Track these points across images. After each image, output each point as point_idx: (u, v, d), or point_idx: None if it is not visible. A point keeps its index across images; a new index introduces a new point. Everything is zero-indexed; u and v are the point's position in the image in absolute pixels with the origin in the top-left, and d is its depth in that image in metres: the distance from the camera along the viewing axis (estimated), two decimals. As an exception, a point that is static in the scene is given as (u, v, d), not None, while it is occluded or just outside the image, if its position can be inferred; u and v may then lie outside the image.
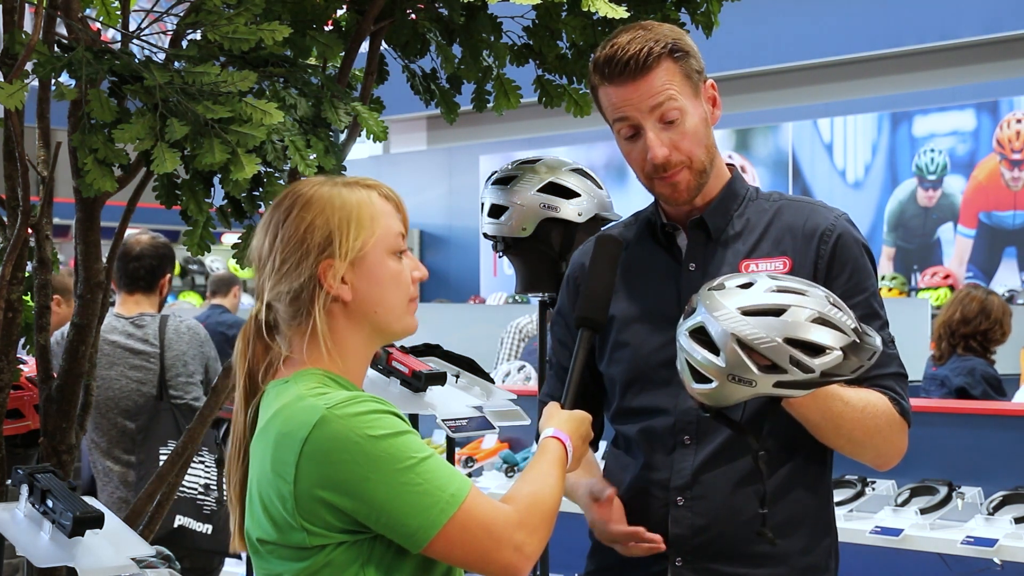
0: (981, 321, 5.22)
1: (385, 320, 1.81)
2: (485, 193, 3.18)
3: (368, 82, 3.07)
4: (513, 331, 7.14)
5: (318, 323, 1.76)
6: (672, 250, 2.14)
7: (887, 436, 2.03)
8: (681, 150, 2.05)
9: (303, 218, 1.77)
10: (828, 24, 11.18)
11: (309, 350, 1.78)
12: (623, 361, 2.14)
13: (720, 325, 1.72)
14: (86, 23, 2.70)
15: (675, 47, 2.04)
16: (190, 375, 4.18)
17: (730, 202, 2.13)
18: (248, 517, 1.78)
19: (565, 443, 1.88)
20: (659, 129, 2.04)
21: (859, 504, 4.03)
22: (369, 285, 1.79)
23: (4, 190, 2.75)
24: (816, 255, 2.06)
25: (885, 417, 2.01)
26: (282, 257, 1.77)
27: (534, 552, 1.73)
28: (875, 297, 2.08)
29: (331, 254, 1.76)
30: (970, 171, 10.51)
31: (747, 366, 1.71)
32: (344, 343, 1.79)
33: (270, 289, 1.78)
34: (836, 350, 1.72)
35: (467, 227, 13.77)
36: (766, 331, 1.70)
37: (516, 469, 4.73)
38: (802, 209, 2.12)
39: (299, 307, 1.77)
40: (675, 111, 2.03)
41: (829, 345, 1.72)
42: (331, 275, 1.76)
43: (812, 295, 1.76)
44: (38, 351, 2.85)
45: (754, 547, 2.02)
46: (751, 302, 1.73)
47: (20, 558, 2.72)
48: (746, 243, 2.10)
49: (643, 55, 2.02)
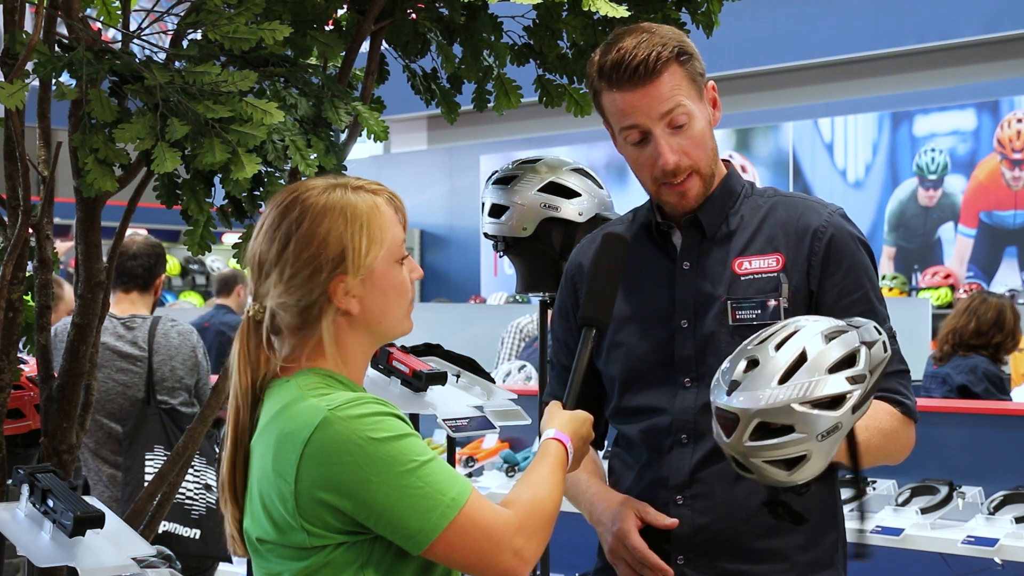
0: (995, 334, 5.18)
1: (388, 327, 1.82)
2: (486, 193, 3.19)
3: (368, 82, 3.07)
4: (514, 331, 7.14)
5: (324, 335, 1.76)
6: (667, 248, 2.14)
7: (896, 441, 2.04)
8: (690, 155, 2.05)
9: (315, 232, 1.74)
10: (828, 24, 11.17)
11: (311, 351, 1.77)
12: (619, 361, 2.13)
13: (777, 407, 1.66)
14: (87, 23, 2.70)
15: (681, 50, 2.03)
16: (178, 380, 4.15)
17: (725, 199, 2.12)
18: (248, 516, 1.78)
19: (566, 444, 1.88)
20: (668, 135, 2.03)
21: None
22: (376, 297, 1.78)
23: (5, 190, 2.75)
24: (809, 252, 2.05)
25: (890, 428, 2.01)
26: (293, 270, 1.74)
27: (533, 556, 1.73)
28: (874, 291, 2.07)
29: (344, 270, 1.75)
30: (971, 171, 10.51)
31: (825, 416, 1.66)
32: (347, 349, 1.79)
33: (275, 297, 1.76)
34: (860, 346, 1.71)
35: (468, 227, 13.76)
36: (812, 375, 1.67)
37: (517, 469, 4.73)
38: (796, 206, 2.12)
39: (307, 319, 1.76)
40: (684, 116, 2.02)
41: (853, 347, 1.71)
42: (342, 291, 1.75)
43: (799, 324, 1.73)
44: (38, 351, 2.85)
45: (756, 544, 2.03)
46: (776, 369, 1.67)
47: (21, 558, 2.73)
48: (739, 241, 2.09)
49: (652, 60, 2.00)
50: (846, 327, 1.74)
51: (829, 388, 1.67)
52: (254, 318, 1.79)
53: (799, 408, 1.66)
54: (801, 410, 1.66)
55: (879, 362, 1.73)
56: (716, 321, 2.05)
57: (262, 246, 1.78)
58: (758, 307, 2.04)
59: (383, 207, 1.80)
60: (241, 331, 1.81)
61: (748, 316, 2.04)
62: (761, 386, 1.67)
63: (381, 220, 1.79)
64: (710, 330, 2.05)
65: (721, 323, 2.05)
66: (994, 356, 5.22)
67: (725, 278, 2.07)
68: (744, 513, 2.02)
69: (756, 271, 2.06)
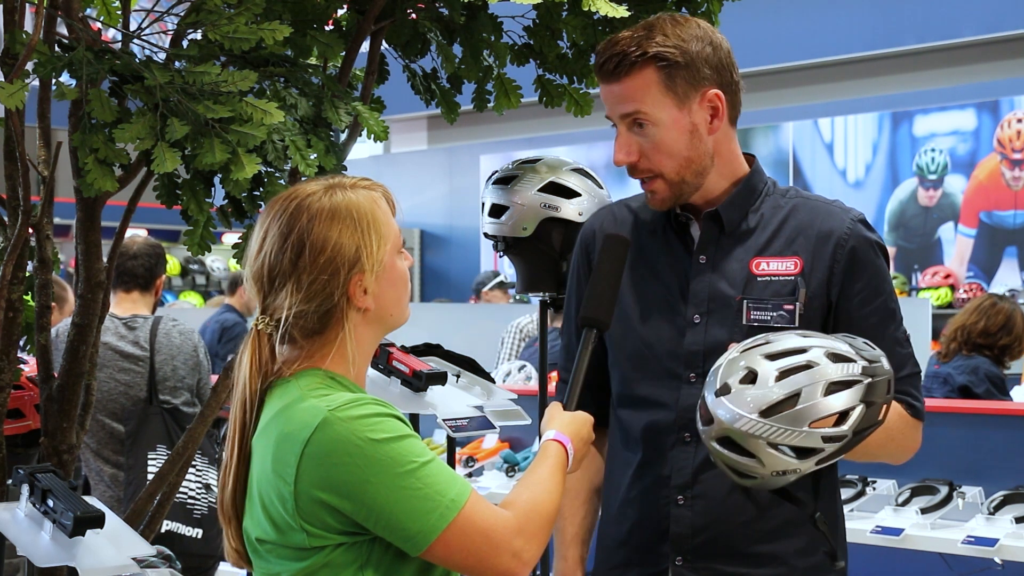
0: (1002, 336, 5.21)
1: (396, 317, 1.84)
2: (486, 193, 3.18)
3: (368, 82, 3.07)
4: (514, 331, 7.14)
5: (346, 336, 1.77)
6: (684, 239, 2.13)
7: (901, 442, 2.06)
8: (650, 160, 2.05)
9: (328, 236, 1.75)
10: (828, 24, 11.17)
11: (314, 352, 1.77)
12: (627, 348, 2.13)
13: (747, 435, 1.70)
14: (87, 23, 2.70)
15: (661, 55, 2.01)
16: (180, 379, 4.16)
17: (747, 196, 2.12)
18: (248, 516, 1.78)
19: (566, 446, 1.88)
20: (630, 133, 2.05)
21: (860, 504, 4.03)
22: (387, 290, 1.80)
23: (5, 190, 2.75)
24: (832, 260, 2.05)
25: (899, 427, 2.02)
26: (311, 277, 1.74)
27: (532, 558, 1.73)
28: (891, 297, 2.09)
29: (360, 269, 1.76)
30: (971, 171, 10.50)
31: (787, 461, 1.71)
32: (362, 346, 1.81)
33: (292, 307, 1.75)
34: (858, 405, 1.72)
35: (467, 227, 13.75)
36: (791, 424, 1.69)
37: (517, 469, 4.73)
38: (818, 209, 2.11)
39: (326, 323, 1.77)
40: (643, 121, 2.03)
41: (850, 406, 1.71)
42: (360, 290, 1.76)
43: (814, 358, 1.74)
44: (38, 351, 2.84)
45: (755, 548, 2.02)
46: (765, 400, 1.70)
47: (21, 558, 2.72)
48: (758, 240, 2.09)
49: (622, 59, 2.01)
50: (859, 377, 1.73)
51: (803, 441, 1.70)
52: (264, 331, 1.78)
53: (767, 448, 1.70)
54: (768, 450, 1.70)
55: (867, 426, 1.73)
56: (729, 319, 2.05)
57: (272, 258, 1.77)
58: (774, 309, 2.04)
59: (381, 202, 1.82)
60: (252, 344, 1.78)
61: (764, 318, 2.04)
62: (744, 408, 1.70)
63: (383, 215, 1.81)
64: (722, 328, 2.05)
65: (735, 322, 2.05)
66: (998, 358, 5.23)
67: (741, 277, 2.07)
68: (744, 516, 2.02)
69: (774, 273, 2.06)
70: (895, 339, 2.06)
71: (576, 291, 2.25)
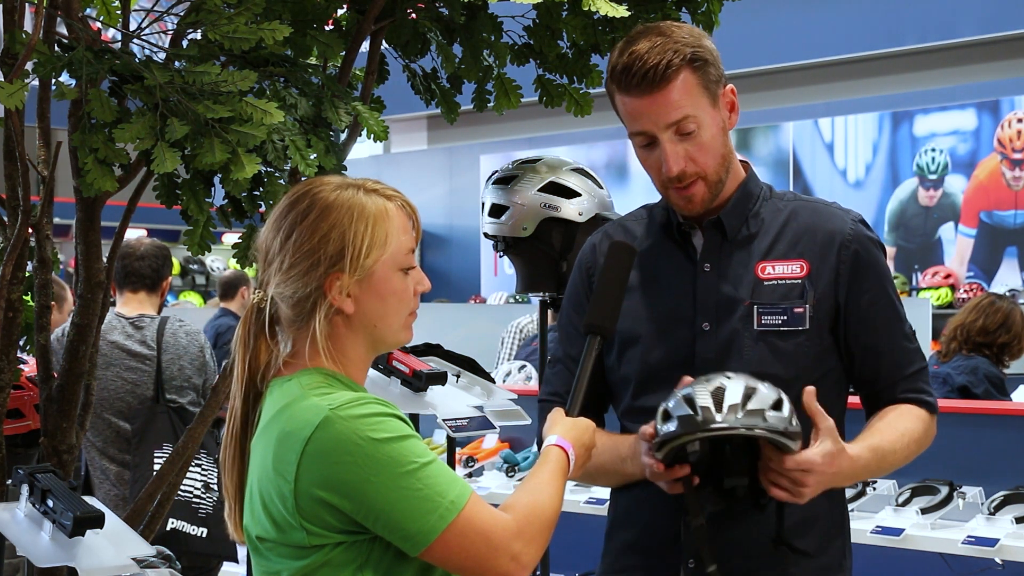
0: (1001, 334, 5.21)
1: (382, 334, 1.81)
2: (486, 193, 3.18)
3: (368, 82, 3.07)
4: (514, 331, 7.14)
5: (317, 331, 1.76)
6: (687, 249, 2.12)
7: (924, 443, 2.09)
8: (697, 162, 2.03)
9: (319, 226, 1.75)
10: (828, 24, 11.17)
11: (311, 350, 1.78)
12: (635, 360, 2.11)
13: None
14: (86, 23, 2.70)
15: (695, 56, 2.01)
16: (187, 379, 4.18)
17: (746, 202, 2.11)
18: (248, 514, 1.78)
19: (568, 451, 1.88)
20: (675, 141, 2.02)
21: (860, 504, 4.03)
22: (372, 301, 1.78)
23: (4, 190, 2.75)
24: (837, 261, 2.05)
25: (921, 430, 2.06)
26: (291, 261, 1.76)
27: (531, 562, 1.73)
28: (894, 293, 2.11)
29: (341, 268, 1.75)
30: (971, 171, 10.50)
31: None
32: (344, 349, 1.79)
33: (275, 286, 1.78)
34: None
35: (468, 227, 13.76)
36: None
37: (517, 469, 4.72)
38: (818, 211, 2.11)
39: (301, 312, 1.77)
40: (692, 125, 2.01)
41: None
42: (337, 288, 1.75)
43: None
44: (38, 351, 2.84)
45: (765, 548, 2.02)
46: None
47: (20, 558, 2.73)
48: (761, 244, 2.08)
49: (661, 68, 1.98)
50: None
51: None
52: (258, 305, 1.80)
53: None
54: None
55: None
56: (740, 325, 2.04)
57: (269, 234, 1.80)
58: (784, 313, 2.04)
59: (393, 213, 1.80)
60: (244, 321, 1.82)
61: (774, 321, 2.04)
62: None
63: (388, 225, 1.79)
64: (733, 334, 2.04)
65: (745, 327, 2.04)
66: (997, 357, 5.23)
67: (748, 282, 2.06)
68: (753, 518, 2.01)
69: (780, 276, 2.06)
70: (904, 334, 2.09)
71: (574, 318, 2.20)
